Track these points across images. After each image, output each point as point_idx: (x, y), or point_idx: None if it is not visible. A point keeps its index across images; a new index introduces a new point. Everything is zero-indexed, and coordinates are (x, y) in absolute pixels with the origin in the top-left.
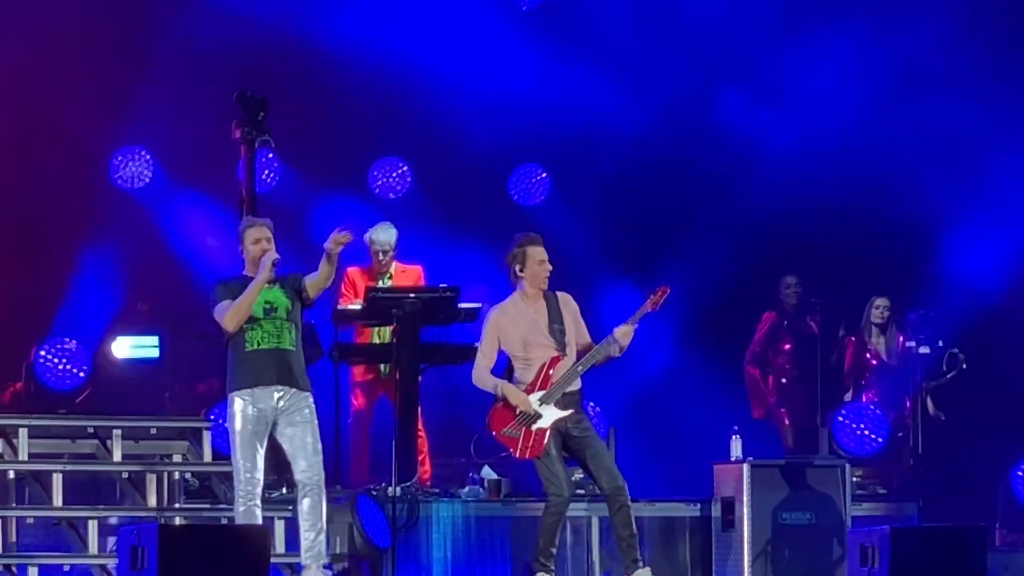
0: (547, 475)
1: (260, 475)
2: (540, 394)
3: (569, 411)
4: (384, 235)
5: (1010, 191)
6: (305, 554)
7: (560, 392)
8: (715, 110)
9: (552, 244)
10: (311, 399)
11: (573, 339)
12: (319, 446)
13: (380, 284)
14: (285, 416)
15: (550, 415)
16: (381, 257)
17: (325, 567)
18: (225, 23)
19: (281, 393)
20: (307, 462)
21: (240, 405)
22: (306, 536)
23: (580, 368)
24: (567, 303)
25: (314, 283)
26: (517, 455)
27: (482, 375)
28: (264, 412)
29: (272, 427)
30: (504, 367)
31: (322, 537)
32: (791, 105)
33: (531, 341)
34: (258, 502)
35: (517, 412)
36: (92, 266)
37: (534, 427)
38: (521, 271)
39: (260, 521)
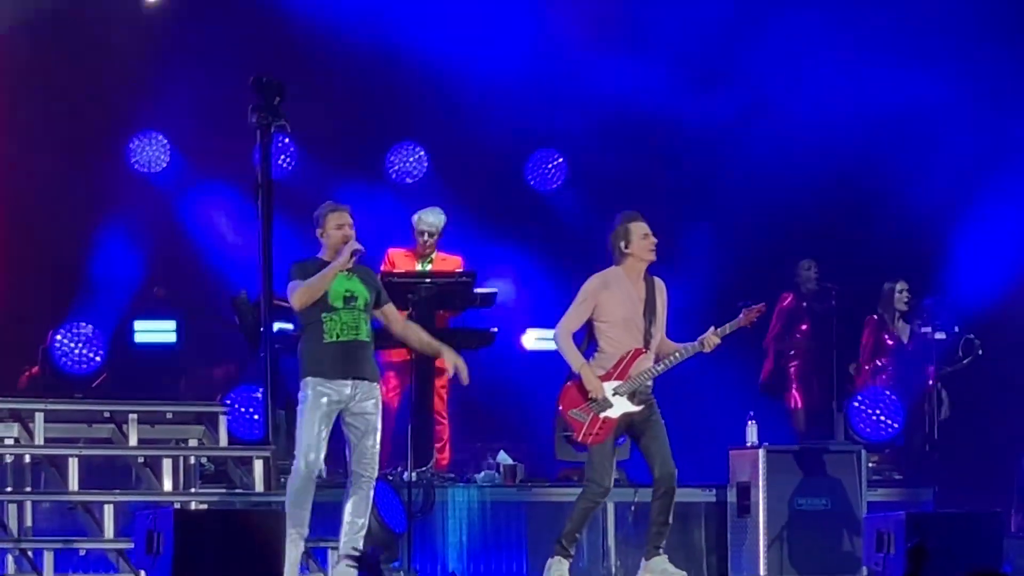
0: (596, 463)
1: (321, 456)
2: (615, 384)
3: (640, 407)
4: (433, 217)
5: None
6: (344, 546)
7: (634, 387)
8: (733, 94)
9: (569, 230)
10: (379, 391)
11: (660, 330)
12: (378, 444)
13: (420, 268)
14: (355, 405)
15: (620, 407)
16: (427, 238)
17: (348, 558)
18: (242, 7)
19: (355, 384)
20: (364, 457)
21: (313, 390)
22: (348, 529)
23: (660, 368)
24: (661, 292)
25: (387, 323)
26: (579, 439)
27: (565, 337)
28: (335, 402)
29: (340, 414)
30: (581, 338)
31: (363, 533)
32: (809, 92)
33: (626, 322)
34: (313, 478)
35: (589, 397)
36: (108, 251)
37: (602, 415)
38: (627, 247)
39: (311, 497)
